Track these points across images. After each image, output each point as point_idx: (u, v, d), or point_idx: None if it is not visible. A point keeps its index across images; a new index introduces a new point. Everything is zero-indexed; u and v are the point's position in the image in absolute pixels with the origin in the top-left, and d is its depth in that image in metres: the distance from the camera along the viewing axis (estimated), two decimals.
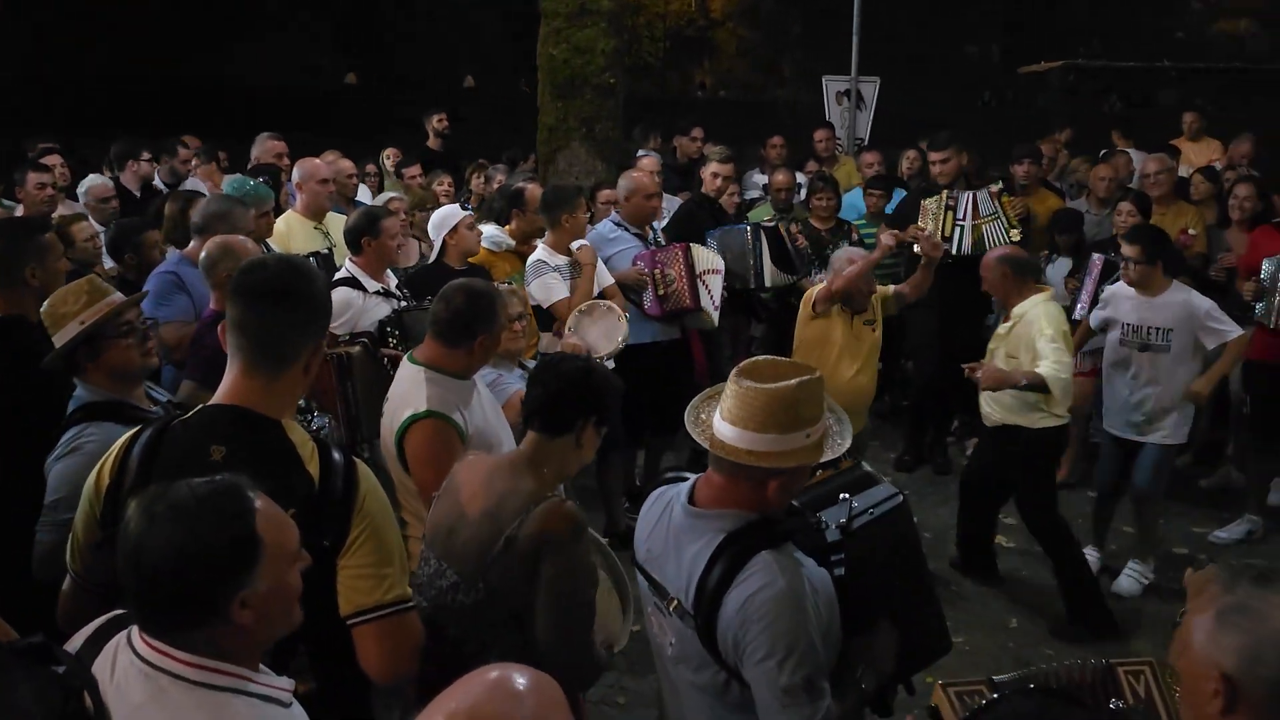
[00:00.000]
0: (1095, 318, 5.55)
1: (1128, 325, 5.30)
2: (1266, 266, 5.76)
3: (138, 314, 3.07)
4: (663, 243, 6.10)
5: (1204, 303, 5.21)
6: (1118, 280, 5.52)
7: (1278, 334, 5.74)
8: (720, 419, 2.32)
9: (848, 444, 2.36)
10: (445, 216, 5.24)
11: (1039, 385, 4.71)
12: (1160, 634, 4.78)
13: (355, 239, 4.75)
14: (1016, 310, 5.03)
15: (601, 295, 5.46)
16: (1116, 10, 24.82)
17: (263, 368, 2.21)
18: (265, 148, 6.82)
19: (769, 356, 2.38)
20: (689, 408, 2.46)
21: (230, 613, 1.68)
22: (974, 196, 6.63)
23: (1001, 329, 5.13)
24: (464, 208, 5.38)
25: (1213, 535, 5.98)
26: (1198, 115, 9.65)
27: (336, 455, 2.22)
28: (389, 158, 9.20)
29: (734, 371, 2.34)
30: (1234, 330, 5.16)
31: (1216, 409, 6.71)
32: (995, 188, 6.82)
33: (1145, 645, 4.74)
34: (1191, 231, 6.76)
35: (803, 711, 2.19)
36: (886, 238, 5.71)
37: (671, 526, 2.43)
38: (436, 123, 9.41)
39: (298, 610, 1.83)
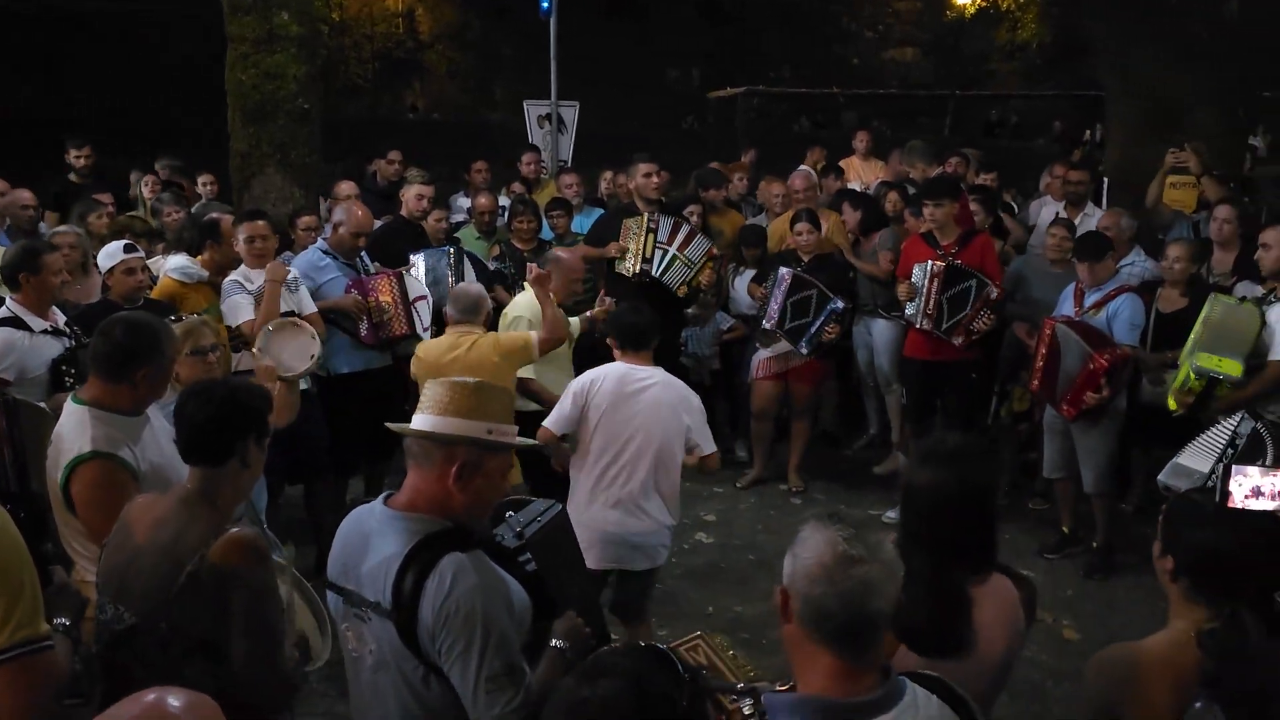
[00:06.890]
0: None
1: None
2: (916, 272, 6.46)
3: None
4: (373, 271, 6.10)
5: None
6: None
7: (925, 333, 6.46)
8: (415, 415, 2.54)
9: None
10: (106, 257, 5.16)
11: None
12: None
13: (13, 275, 4.53)
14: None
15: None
16: (802, 40, 26.84)
17: None
18: None
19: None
20: None
21: None
22: (686, 232, 6.83)
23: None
24: (130, 249, 5.18)
25: (885, 515, 6.41)
26: (869, 135, 10.43)
27: None
28: (146, 184, 8.59)
29: None
30: None
31: (879, 405, 7.68)
32: (714, 249, 6.95)
33: None
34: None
35: (505, 694, 2.33)
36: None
37: (365, 533, 2.52)
38: (74, 157, 8.43)
39: None
